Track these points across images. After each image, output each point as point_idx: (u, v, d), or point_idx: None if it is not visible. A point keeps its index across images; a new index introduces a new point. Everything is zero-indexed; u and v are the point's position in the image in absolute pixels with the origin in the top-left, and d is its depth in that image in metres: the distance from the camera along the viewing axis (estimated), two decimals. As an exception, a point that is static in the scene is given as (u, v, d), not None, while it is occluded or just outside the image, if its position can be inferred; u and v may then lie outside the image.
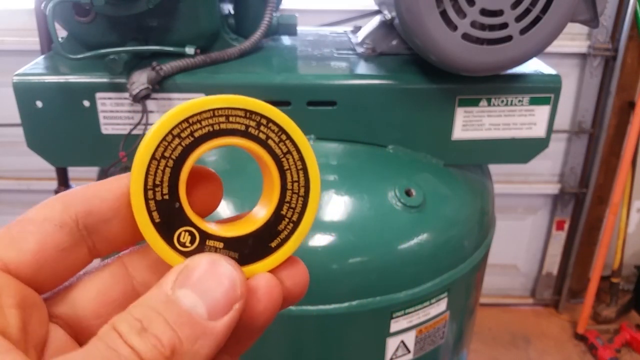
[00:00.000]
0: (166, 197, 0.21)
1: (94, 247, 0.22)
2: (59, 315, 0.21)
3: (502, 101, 0.68)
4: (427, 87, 0.66)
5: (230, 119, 0.21)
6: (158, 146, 0.20)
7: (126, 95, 0.63)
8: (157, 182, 0.20)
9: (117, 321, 0.18)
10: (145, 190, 0.20)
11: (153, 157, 0.20)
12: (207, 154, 0.24)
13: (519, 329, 1.84)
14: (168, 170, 0.21)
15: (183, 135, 0.20)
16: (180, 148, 0.21)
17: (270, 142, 0.22)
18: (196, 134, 0.21)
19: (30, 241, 0.20)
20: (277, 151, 0.22)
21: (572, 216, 1.83)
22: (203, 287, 0.19)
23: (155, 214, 0.21)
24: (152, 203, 0.21)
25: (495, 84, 0.67)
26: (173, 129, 0.20)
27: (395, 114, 0.67)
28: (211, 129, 0.21)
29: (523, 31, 0.60)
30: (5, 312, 0.18)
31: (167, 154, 0.20)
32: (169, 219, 0.21)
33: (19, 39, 1.48)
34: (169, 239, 0.21)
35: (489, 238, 0.75)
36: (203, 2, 0.67)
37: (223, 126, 0.21)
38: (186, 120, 0.20)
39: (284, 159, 0.22)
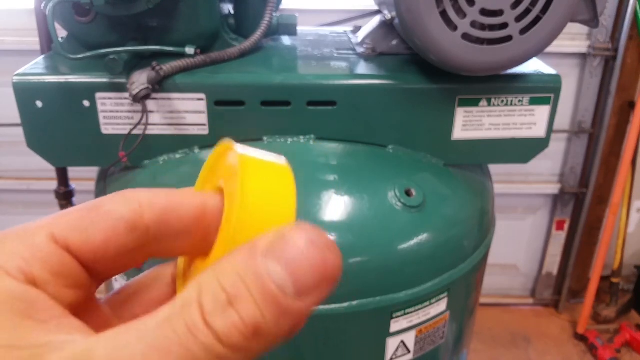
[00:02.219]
0: None
1: (151, 252, 0.22)
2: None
3: (502, 101, 0.68)
4: (427, 87, 0.66)
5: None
6: None
7: (126, 95, 0.63)
8: None
9: (203, 290, 0.17)
10: None
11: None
12: None
13: (519, 329, 1.84)
14: None
15: None
16: None
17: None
18: None
19: (99, 233, 0.20)
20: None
21: (572, 216, 1.83)
22: (295, 265, 0.18)
23: None
24: None
25: (495, 84, 0.67)
26: None
27: (395, 114, 0.67)
28: None
29: (523, 31, 0.60)
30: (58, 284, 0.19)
31: None
32: None
33: (19, 39, 1.49)
34: None
35: (489, 238, 0.75)
36: (203, 2, 0.67)
37: None
38: None
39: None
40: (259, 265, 0.17)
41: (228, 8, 0.75)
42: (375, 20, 0.77)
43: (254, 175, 0.21)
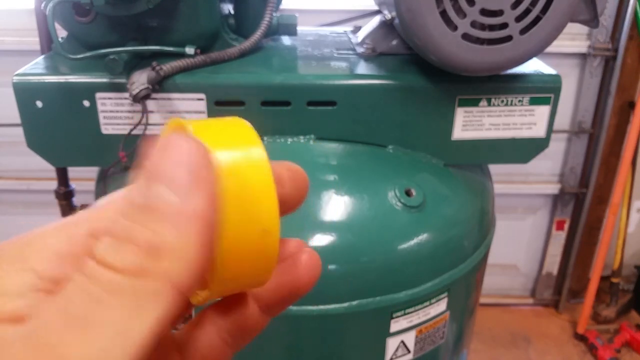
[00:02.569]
0: None
1: None
2: None
3: (502, 101, 0.68)
4: (427, 87, 0.66)
5: None
6: None
7: (126, 95, 0.63)
8: None
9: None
10: None
11: None
12: None
13: (519, 329, 1.84)
14: None
15: None
16: None
17: None
18: None
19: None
20: None
21: (572, 216, 1.83)
22: (161, 172, 0.17)
23: None
24: None
25: (495, 84, 0.67)
26: None
27: (395, 114, 0.67)
28: None
29: (523, 31, 0.60)
30: None
31: None
32: None
33: (19, 39, 1.48)
34: None
35: (489, 238, 0.75)
36: (203, 2, 0.67)
37: None
38: None
39: None
40: (126, 195, 0.17)
41: (228, 8, 0.75)
42: (375, 20, 0.77)
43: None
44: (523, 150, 0.71)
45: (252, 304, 0.23)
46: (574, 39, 1.61)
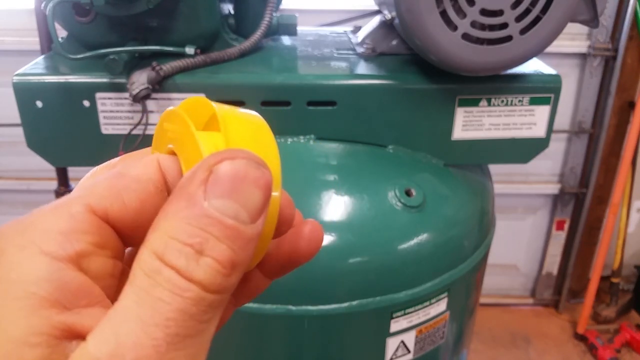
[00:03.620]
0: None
1: None
2: None
3: (502, 101, 0.68)
4: (427, 87, 0.66)
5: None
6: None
7: (126, 95, 0.63)
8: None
9: (165, 253, 0.17)
10: None
11: None
12: None
13: (519, 329, 1.84)
14: None
15: None
16: None
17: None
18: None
19: (134, 199, 0.20)
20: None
21: (572, 216, 1.83)
22: (242, 195, 0.18)
23: None
24: None
25: (495, 84, 0.67)
26: None
27: (395, 114, 0.67)
28: None
29: (523, 31, 0.60)
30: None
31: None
32: None
33: (19, 39, 1.49)
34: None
35: (489, 238, 0.75)
36: (203, 2, 0.67)
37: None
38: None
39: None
40: (207, 209, 0.18)
41: (228, 8, 0.75)
42: (375, 20, 0.77)
43: (235, 127, 0.21)
44: (523, 150, 0.71)
45: (255, 268, 0.24)
46: (574, 39, 1.61)
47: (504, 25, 0.60)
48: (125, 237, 0.21)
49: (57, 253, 0.18)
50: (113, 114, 0.65)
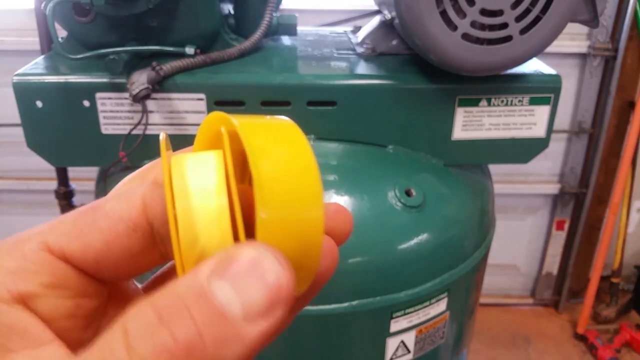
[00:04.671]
0: None
1: (166, 253, 0.20)
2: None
3: (502, 101, 0.68)
4: (427, 87, 0.66)
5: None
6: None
7: (126, 95, 0.63)
8: None
9: (129, 318, 0.15)
10: None
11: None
12: None
13: (519, 329, 1.84)
14: None
15: None
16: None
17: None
18: None
19: (97, 239, 0.18)
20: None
21: (572, 216, 1.83)
22: (242, 282, 0.16)
23: None
24: None
25: (495, 84, 0.67)
26: None
27: (395, 114, 0.67)
28: None
29: (523, 31, 0.60)
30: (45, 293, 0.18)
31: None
32: None
33: (19, 39, 1.48)
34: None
35: (489, 238, 0.75)
36: (203, 2, 0.67)
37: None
38: None
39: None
40: (203, 284, 0.15)
41: (228, 8, 0.75)
42: (375, 20, 0.77)
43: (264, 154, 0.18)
44: (523, 150, 0.71)
45: None
46: (574, 39, 1.61)
47: (504, 25, 0.60)
48: (97, 276, 0.19)
49: (3, 295, 0.17)
50: (113, 114, 0.65)
